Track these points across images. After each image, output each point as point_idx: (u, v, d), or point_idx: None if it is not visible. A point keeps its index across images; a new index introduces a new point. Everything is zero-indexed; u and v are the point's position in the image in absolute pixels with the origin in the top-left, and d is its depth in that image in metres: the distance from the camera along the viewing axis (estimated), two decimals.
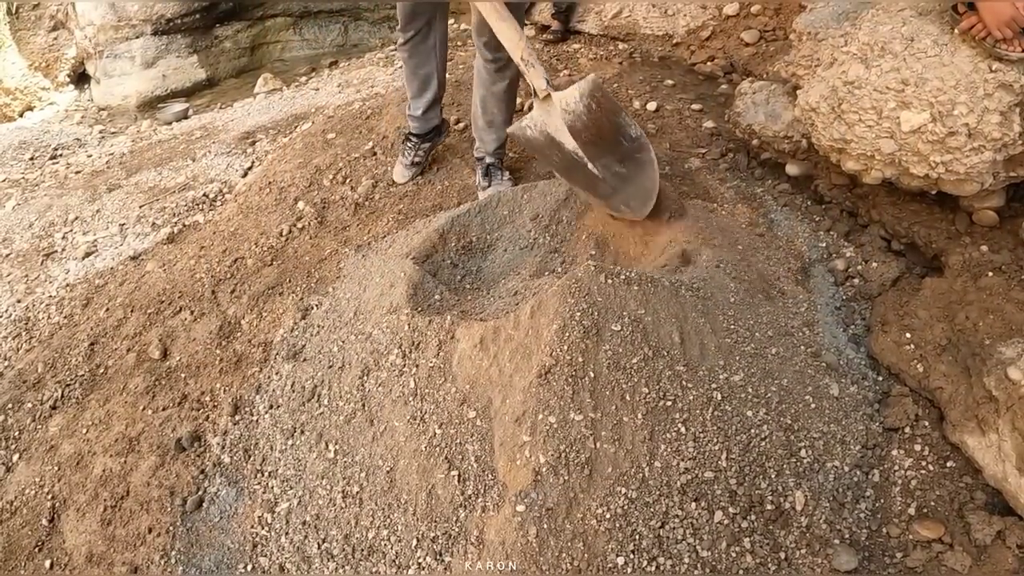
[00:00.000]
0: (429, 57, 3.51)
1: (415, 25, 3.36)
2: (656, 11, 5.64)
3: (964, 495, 2.20)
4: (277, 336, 2.86)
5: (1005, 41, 2.52)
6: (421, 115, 3.66)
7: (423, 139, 3.75)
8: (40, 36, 7.72)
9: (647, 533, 1.99)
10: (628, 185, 2.79)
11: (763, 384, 2.30)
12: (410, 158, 3.76)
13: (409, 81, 3.60)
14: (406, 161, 3.77)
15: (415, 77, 3.56)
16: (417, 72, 3.54)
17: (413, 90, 3.62)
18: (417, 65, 3.53)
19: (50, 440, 2.70)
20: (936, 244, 2.90)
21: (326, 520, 2.26)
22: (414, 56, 3.49)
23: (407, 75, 3.59)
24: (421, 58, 3.50)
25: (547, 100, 2.74)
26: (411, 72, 3.56)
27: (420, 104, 3.63)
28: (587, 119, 2.72)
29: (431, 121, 3.71)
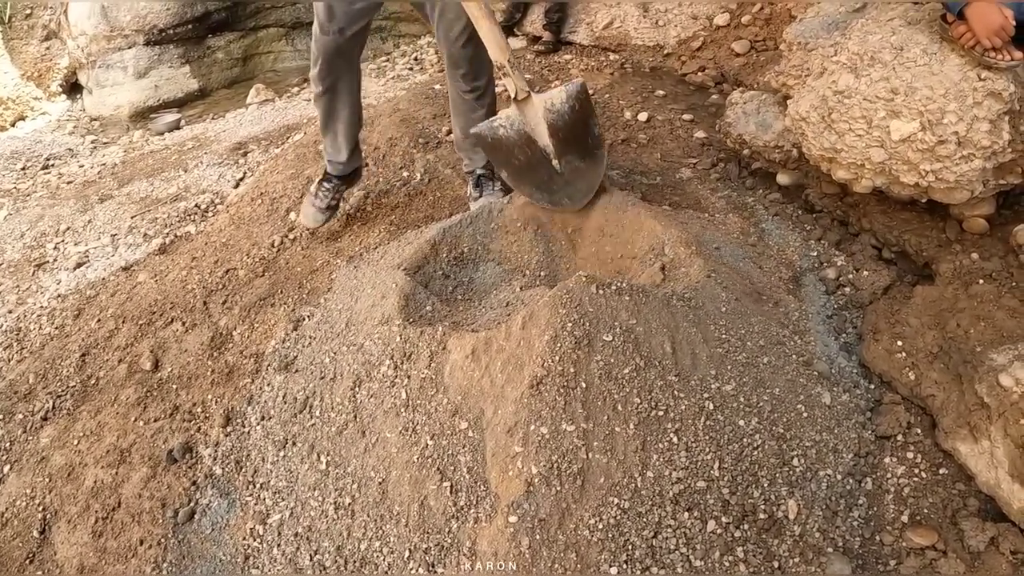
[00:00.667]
0: (352, 97, 3.30)
1: (338, 69, 3.14)
2: (647, 22, 5.66)
3: (957, 502, 2.20)
4: (269, 347, 2.85)
5: (994, 50, 2.54)
6: (346, 159, 3.43)
7: (344, 181, 3.51)
8: (33, 46, 7.71)
9: (640, 543, 1.98)
10: (579, 179, 2.95)
11: (755, 393, 2.31)
12: (326, 201, 3.45)
13: (329, 125, 3.34)
14: (321, 204, 3.44)
15: (337, 120, 3.33)
16: (340, 115, 3.32)
17: (335, 134, 3.36)
18: (340, 108, 3.29)
19: (41, 451, 2.69)
20: (927, 252, 2.91)
21: (318, 532, 2.25)
22: (336, 99, 3.25)
23: (326, 120, 3.33)
24: (344, 100, 3.26)
25: (526, 101, 2.81)
26: (331, 116, 3.31)
27: (344, 147, 3.39)
28: (568, 119, 2.83)
29: (353, 163, 3.50)
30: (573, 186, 2.95)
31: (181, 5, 7.47)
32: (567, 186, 2.94)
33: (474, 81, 3.17)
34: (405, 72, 6.45)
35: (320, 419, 2.49)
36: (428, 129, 4.37)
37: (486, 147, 3.02)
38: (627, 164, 3.93)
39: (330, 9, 2.86)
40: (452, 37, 3.01)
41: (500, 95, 3.38)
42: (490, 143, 2.93)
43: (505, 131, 2.85)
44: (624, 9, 5.81)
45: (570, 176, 2.92)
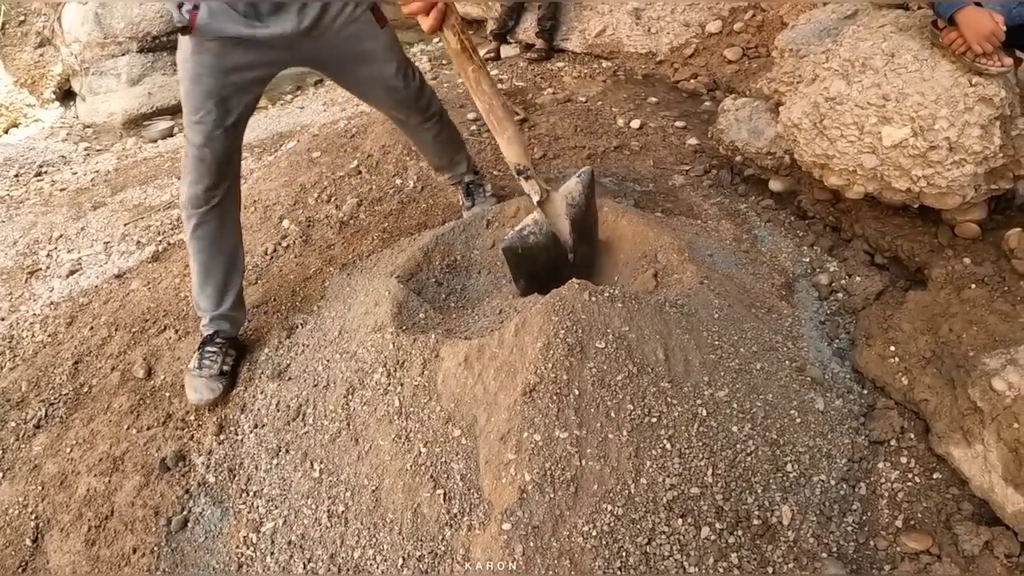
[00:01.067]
0: (235, 224, 2.75)
1: (226, 182, 2.59)
2: (639, 29, 5.69)
3: (951, 506, 2.21)
4: (262, 355, 2.85)
5: (985, 55, 2.55)
6: (231, 308, 2.81)
7: (231, 343, 2.85)
8: (26, 53, 7.69)
9: (634, 550, 1.98)
10: (585, 263, 2.87)
11: (748, 399, 2.31)
12: (218, 366, 2.74)
13: (210, 264, 2.71)
14: (212, 370, 2.72)
15: (220, 255, 2.70)
16: (223, 248, 2.71)
17: (219, 275, 2.73)
18: (226, 235, 2.70)
19: (34, 459, 2.68)
20: (919, 257, 2.92)
21: (311, 540, 2.24)
22: (224, 223, 2.66)
23: (205, 258, 2.69)
24: (230, 221, 2.70)
25: (547, 200, 2.64)
26: (213, 251, 2.68)
27: (231, 292, 2.79)
28: (585, 211, 2.73)
29: (240, 310, 2.88)
30: (580, 271, 2.79)
31: None
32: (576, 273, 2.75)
33: (428, 109, 2.97)
34: None
35: (313, 427, 2.48)
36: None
37: (515, 259, 2.66)
38: (620, 171, 3.94)
39: (224, 101, 2.40)
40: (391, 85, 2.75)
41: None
42: (521, 254, 2.65)
43: (535, 238, 2.62)
44: (616, 17, 5.83)
45: (580, 263, 2.80)
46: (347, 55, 2.58)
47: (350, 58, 2.60)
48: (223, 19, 2.24)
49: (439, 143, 3.15)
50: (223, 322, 2.79)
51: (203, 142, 2.42)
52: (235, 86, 2.41)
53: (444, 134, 3.13)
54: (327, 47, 2.51)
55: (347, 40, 2.52)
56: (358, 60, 2.62)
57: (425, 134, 3.08)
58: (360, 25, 2.53)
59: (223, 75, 2.35)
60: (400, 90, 2.78)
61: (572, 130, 4.49)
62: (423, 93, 2.90)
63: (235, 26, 2.26)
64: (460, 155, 3.33)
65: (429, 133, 3.07)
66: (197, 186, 2.51)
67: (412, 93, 2.83)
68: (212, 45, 2.29)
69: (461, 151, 3.33)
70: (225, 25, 2.25)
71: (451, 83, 5.50)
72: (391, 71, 2.71)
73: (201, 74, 2.32)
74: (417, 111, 2.93)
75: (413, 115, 2.95)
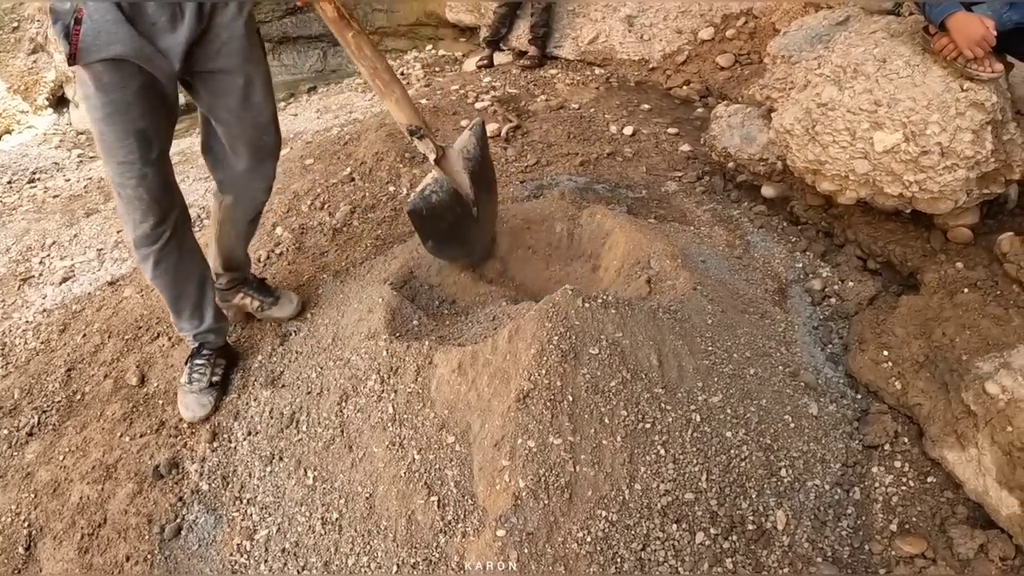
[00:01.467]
0: (193, 248, 2.58)
1: (173, 212, 2.41)
2: (632, 36, 5.71)
3: (945, 510, 2.21)
4: (255, 362, 2.84)
5: (976, 60, 2.56)
6: (213, 321, 2.72)
7: (219, 352, 2.81)
8: (19, 59, 7.69)
9: (628, 556, 1.98)
10: (486, 216, 2.92)
11: (742, 405, 2.31)
12: (207, 377, 2.72)
13: (182, 293, 2.60)
14: (202, 383, 2.71)
15: (188, 281, 2.59)
16: (190, 274, 2.58)
17: (193, 298, 2.64)
18: (187, 260, 2.54)
19: (26, 467, 2.67)
20: (912, 262, 2.93)
21: (305, 547, 2.24)
22: (182, 250, 2.50)
23: (176, 290, 2.58)
24: (189, 245, 2.54)
25: (443, 157, 2.72)
26: (180, 279, 2.56)
27: (208, 308, 2.69)
28: (481, 161, 2.82)
29: (221, 319, 2.79)
30: (483, 225, 2.93)
31: None
32: (479, 227, 2.92)
33: (274, 176, 2.68)
34: None
35: (307, 434, 2.48)
36: (414, 144, 4.37)
37: (421, 221, 2.72)
38: (613, 178, 3.94)
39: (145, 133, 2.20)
40: (263, 123, 2.50)
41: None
42: (426, 216, 2.70)
43: (437, 195, 2.67)
44: (609, 24, 5.85)
45: (482, 215, 2.86)
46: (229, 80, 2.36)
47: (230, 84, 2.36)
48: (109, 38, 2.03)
49: (251, 227, 2.84)
50: (208, 335, 2.73)
51: (136, 182, 2.24)
52: (150, 114, 2.20)
53: (255, 224, 2.84)
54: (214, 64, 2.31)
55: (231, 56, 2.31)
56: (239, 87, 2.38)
57: (249, 206, 2.71)
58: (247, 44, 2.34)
59: (135, 106, 2.15)
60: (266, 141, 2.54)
61: (565, 137, 4.50)
62: (275, 160, 2.63)
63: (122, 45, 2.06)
64: (248, 259, 3.01)
65: (260, 207, 2.76)
66: (143, 225, 2.34)
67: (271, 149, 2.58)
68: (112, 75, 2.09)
69: (248, 257, 3.02)
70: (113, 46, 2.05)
71: (444, 90, 5.51)
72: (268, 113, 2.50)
73: (111, 112, 2.13)
74: (262, 177, 2.62)
75: (258, 178, 2.61)
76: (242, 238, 2.85)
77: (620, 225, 2.98)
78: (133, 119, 2.15)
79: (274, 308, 3.00)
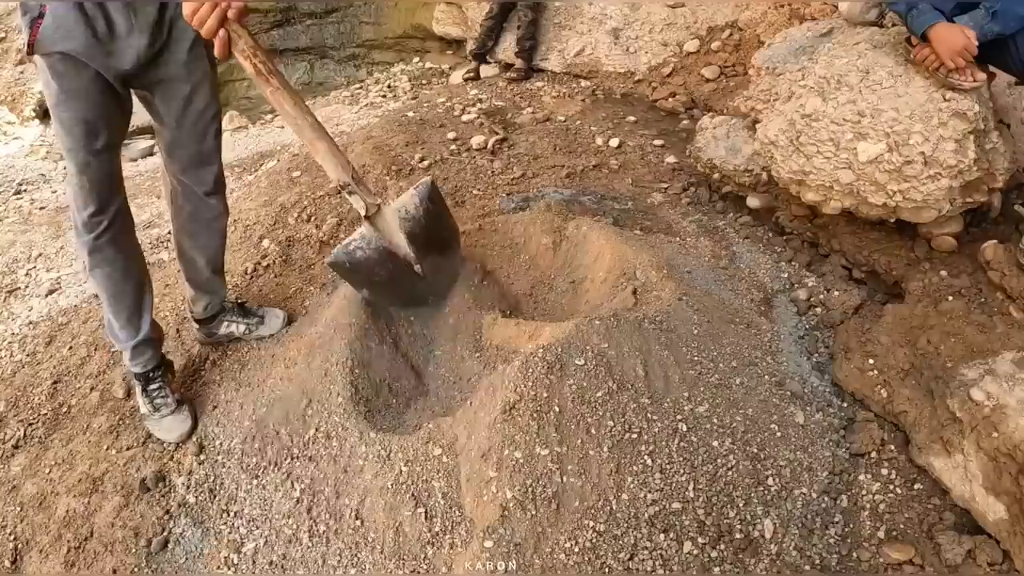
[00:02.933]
0: (133, 247, 2.60)
1: (112, 206, 2.42)
2: (618, 48, 5.74)
3: (933, 516, 2.22)
4: (243, 374, 2.83)
5: (957, 70, 2.59)
6: (150, 330, 2.66)
7: (164, 365, 2.77)
8: (6, 70, 7.68)
9: (616, 566, 1.98)
10: (440, 273, 2.88)
11: (728, 414, 2.32)
12: (172, 397, 2.70)
13: (118, 293, 2.56)
14: (171, 406, 2.68)
15: (125, 280, 2.55)
16: (128, 273, 2.55)
17: (129, 300, 2.58)
18: (130, 259, 2.56)
19: (12, 480, 2.65)
20: (896, 271, 2.95)
21: (293, 560, 2.23)
22: (124, 247, 2.53)
23: (111, 286, 2.54)
24: (124, 251, 2.53)
25: (377, 214, 2.62)
26: (117, 277, 2.52)
27: (146, 315, 2.64)
28: (425, 222, 2.72)
29: (157, 330, 2.75)
30: (436, 281, 2.88)
31: None
32: (430, 284, 2.86)
33: (218, 181, 2.67)
34: (378, 99, 6.47)
35: (294, 446, 2.47)
36: (401, 156, 4.38)
37: (343, 272, 2.73)
38: (598, 190, 3.95)
39: (91, 124, 2.25)
40: (201, 130, 2.51)
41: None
42: (348, 268, 2.68)
43: (363, 252, 2.63)
44: (595, 36, 5.88)
45: (431, 274, 2.81)
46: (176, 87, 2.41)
47: (176, 91, 2.41)
48: (65, 34, 2.12)
49: (217, 233, 2.79)
50: (146, 349, 2.67)
51: (79, 169, 2.31)
52: (98, 107, 2.26)
53: (223, 222, 2.80)
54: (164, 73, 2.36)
55: (180, 65, 2.37)
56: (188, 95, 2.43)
57: (202, 210, 2.69)
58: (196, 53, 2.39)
59: (83, 97, 2.23)
60: (206, 145, 2.54)
61: (551, 149, 4.51)
62: (218, 159, 2.63)
63: (75, 43, 2.14)
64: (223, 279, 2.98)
65: (208, 210, 2.70)
66: (84, 212, 2.38)
67: (211, 152, 2.57)
68: (65, 66, 2.17)
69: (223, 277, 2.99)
70: (68, 42, 2.13)
71: (431, 103, 5.52)
72: (211, 113, 2.52)
73: (63, 100, 2.22)
74: (204, 178, 2.60)
75: (199, 181, 2.60)
76: (205, 252, 2.80)
77: (606, 237, 2.99)
78: (81, 109, 2.23)
79: (261, 327, 3.01)
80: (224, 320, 2.98)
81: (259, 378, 2.80)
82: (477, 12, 6.68)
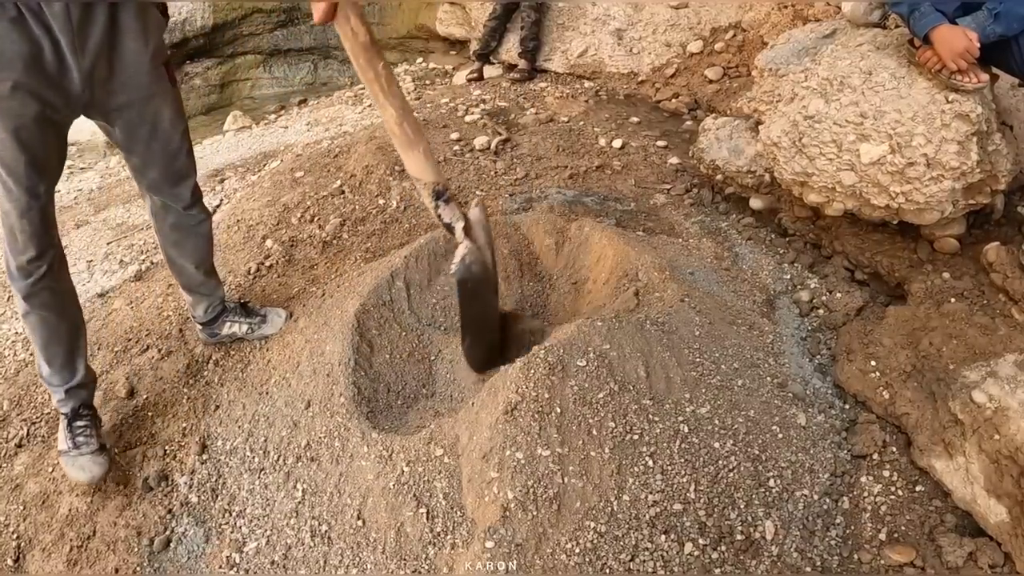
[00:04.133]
0: (68, 289, 2.48)
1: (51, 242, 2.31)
2: (621, 49, 5.74)
3: (934, 518, 2.22)
4: (244, 375, 2.84)
5: (960, 72, 2.59)
6: (84, 376, 2.56)
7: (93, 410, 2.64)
8: None
9: (617, 567, 1.98)
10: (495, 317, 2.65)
11: (730, 416, 2.32)
12: (96, 440, 2.54)
13: (52, 337, 2.44)
14: (92, 446, 2.51)
15: (60, 323, 2.44)
16: (63, 315, 2.45)
17: (64, 345, 2.47)
18: (60, 306, 2.43)
19: (15, 479, 2.66)
20: (899, 273, 2.95)
21: (295, 560, 2.23)
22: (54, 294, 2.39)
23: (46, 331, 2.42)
24: (67, 290, 2.46)
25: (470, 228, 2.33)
26: (53, 320, 2.41)
27: (80, 359, 2.54)
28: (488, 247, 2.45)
29: (91, 373, 2.63)
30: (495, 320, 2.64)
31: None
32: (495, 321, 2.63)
33: (195, 193, 2.61)
34: (381, 99, 6.47)
35: (296, 446, 2.48)
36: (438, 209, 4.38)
37: (467, 296, 2.43)
38: (601, 190, 3.95)
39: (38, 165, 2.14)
40: (172, 152, 2.43)
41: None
42: (471, 289, 2.40)
43: (478, 267, 2.34)
44: (599, 37, 5.88)
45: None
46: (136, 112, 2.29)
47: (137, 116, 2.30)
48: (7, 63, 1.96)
49: (203, 238, 2.73)
50: (80, 391, 2.56)
51: (20, 213, 2.16)
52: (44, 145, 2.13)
53: (207, 227, 2.73)
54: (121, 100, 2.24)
55: (138, 89, 2.24)
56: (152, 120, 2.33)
57: (186, 221, 2.62)
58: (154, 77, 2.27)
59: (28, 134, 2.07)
60: (179, 163, 2.46)
61: (554, 150, 4.51)
62: (193, 173, 2.56)
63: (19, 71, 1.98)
64: (217, 279, 2.95)
65: (191, 220, 2.63)
66: (21, 256, 2.25)
67: (186, 169, 2.50)
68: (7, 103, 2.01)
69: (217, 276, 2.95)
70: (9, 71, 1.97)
71: (434, 103, 5.52)
72: (177, 137, 2.42)
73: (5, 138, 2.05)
74: (182, 193, 2.54)
75: (177, 197, 2.54)
76: (193, 257, 2.73)
77: (608, 238, 2.99)
78: (27, 147, 2.08)
79: (264, 327, 2.99)
80: (227, 320, 2.96)
81: (262, 378, 2.80)
82: (481, 13, 6.68)
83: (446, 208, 2.20)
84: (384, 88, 2.10)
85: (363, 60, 2.07)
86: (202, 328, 2.96)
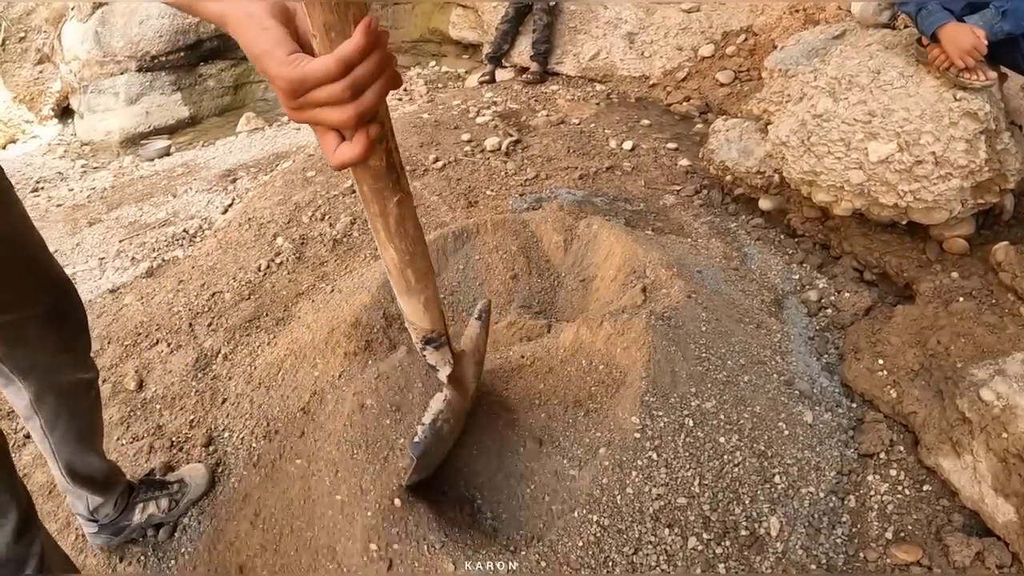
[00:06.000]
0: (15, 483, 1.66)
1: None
2: (633, 53, 5.75)
3: (941, 518, 2.20)
4: (252, 369, 2.85)
5: (968, 70, 2.58)
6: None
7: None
8: (25, 69, 7.76)
9: (620, 560, 1.98)
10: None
11: (736, 411, 2.31)
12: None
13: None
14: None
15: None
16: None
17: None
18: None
19: (23, 469, 2.67)
20: (907, 273, 2.94)
21: None
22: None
23: None
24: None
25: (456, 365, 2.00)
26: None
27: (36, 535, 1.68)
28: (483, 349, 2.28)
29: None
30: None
31: (174, 32, 7.54)
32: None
33: (91, 363, 2.03)
34: (394, 102, 6.51)
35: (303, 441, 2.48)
36: (415, 157, 4.41)
37: (424, 457, 2.05)
38: (611, 191, 3.96)
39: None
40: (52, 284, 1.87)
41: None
42: (431, 451, 2.09)
43: (449, 424, 2.11)
44: (610, 40, 5.90)
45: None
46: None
47: None
48: None
49: (94, 413, 2.11)
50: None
51: None
52: None
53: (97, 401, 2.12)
54: None
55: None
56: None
57: (81, 398, 2.02)
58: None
59: None
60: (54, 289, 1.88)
61: (565, 151, 4.52)
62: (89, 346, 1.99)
63: None
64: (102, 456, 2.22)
65: (85, 394, 2.03)
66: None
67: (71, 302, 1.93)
68: None
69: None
70: None
71: (446, 105, 5.54)
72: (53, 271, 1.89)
73: None
74: (81, 367, 1.98)
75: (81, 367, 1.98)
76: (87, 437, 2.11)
77: (616, 236, 3.00)
78: None
79: (186, 493, 2.41)
80: (138, 504, 2.32)
81: (270, 373, 2.81)
82: (493, 16, 6.71)
83: (435, 353, 1.90)
84: (390, 229, 1.51)
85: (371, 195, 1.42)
86: (102, 533, 2.30)
